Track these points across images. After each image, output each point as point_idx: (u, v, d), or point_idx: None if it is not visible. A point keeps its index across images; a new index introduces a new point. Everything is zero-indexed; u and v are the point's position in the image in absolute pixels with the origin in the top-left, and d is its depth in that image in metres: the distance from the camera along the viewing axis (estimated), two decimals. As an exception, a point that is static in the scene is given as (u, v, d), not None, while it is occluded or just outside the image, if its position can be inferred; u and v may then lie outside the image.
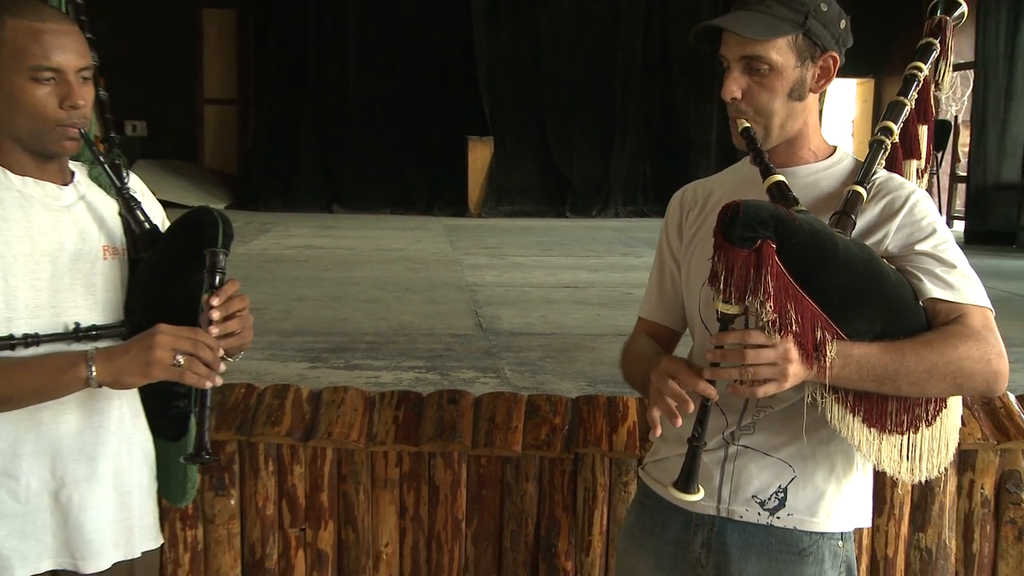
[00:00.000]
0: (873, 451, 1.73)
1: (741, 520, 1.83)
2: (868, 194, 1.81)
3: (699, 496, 1.73)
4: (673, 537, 1.89)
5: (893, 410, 1.72)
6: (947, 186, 10.93)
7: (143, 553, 1.93)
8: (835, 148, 1.93)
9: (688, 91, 11.56)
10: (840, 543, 1.84)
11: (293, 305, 5.11)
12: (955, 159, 11.04)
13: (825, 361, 1.63)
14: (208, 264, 1.74)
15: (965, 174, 10.05)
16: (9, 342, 1.72)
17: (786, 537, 1.82)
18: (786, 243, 1.61)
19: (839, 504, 1.82)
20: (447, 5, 11.67)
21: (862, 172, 1.83)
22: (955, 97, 11.78)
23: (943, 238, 1.79)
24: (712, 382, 1.65)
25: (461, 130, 11.36)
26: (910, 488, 2.58)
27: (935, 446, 1.79)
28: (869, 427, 1.72)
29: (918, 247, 1.77)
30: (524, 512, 2.53)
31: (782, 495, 1.81)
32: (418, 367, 3.65)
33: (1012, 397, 2.67)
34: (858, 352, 1.65)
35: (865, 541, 2.59)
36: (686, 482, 1.70)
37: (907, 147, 2.20)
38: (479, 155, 11.23)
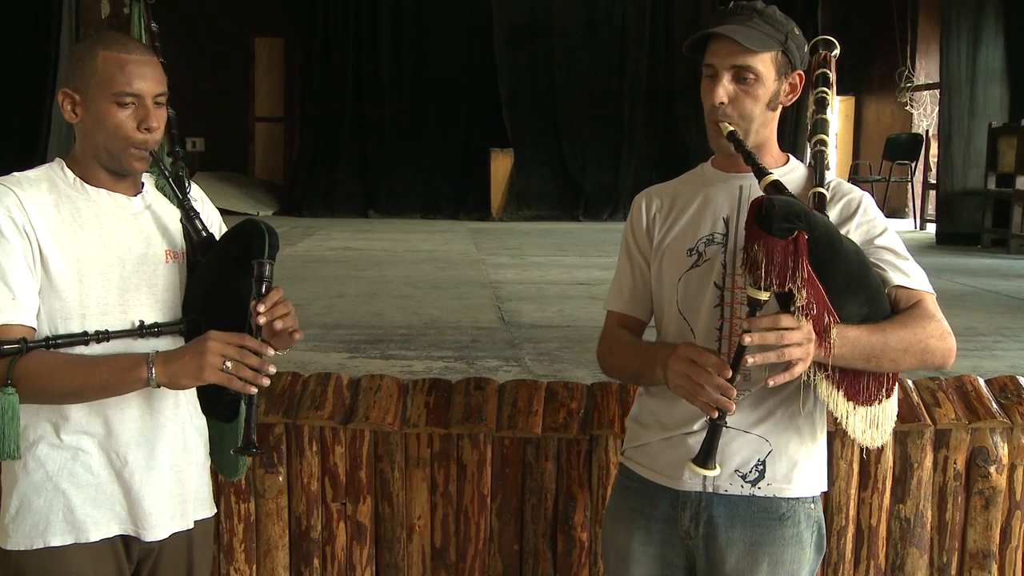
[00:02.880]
0: (849, 422, 1.78)
1: (726, 493, 1.83)
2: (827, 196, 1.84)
3: (716, 472, 1.72)
4: (662, 515, 1.88)
5: (865, 386, 1.77)
6: (920, 192, 10.86)
7: (197, 522, 1.93)
8: (788, 156, 1.95)
9: (689, 105, 11.47)
10: (812, 506, 1.88)
11: (333, 301, 5.10)
12: (927, 168, 10.95)
13: (831, 342, 1.65)
14: (255, 274, 1.73)
15: (935, 182, 9.98)
16: (83, 338, 1.73)
17: (767, 505, 1.83)
18: (810, 235, 1.63)
19: (809, 471, 1.86)
20: (472, 33, 11.65)
21: (818, 177, 1.85)
22: (925, 113, 11.68)
23: (893, 234, 1.85)
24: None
25: (484, 143, 11.34)
26: (892, 464, 2.56)
27: (888, 416, 1.85)
28: (848, 400, 1.76)
29: (877, 242, 1.81)
30: (544, 488, 2.51)
31: (761, 467, 1.83)
32: (447, 357, 3.62)
33: (981, 381, 2.66)
34: (852, 334, 1.68)
35: (852, 512, 2.57)
36: (705, 458, 1.68)
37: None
38: (500, 165, 11.20)
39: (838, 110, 13.42)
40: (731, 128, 1.80)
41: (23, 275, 1.69)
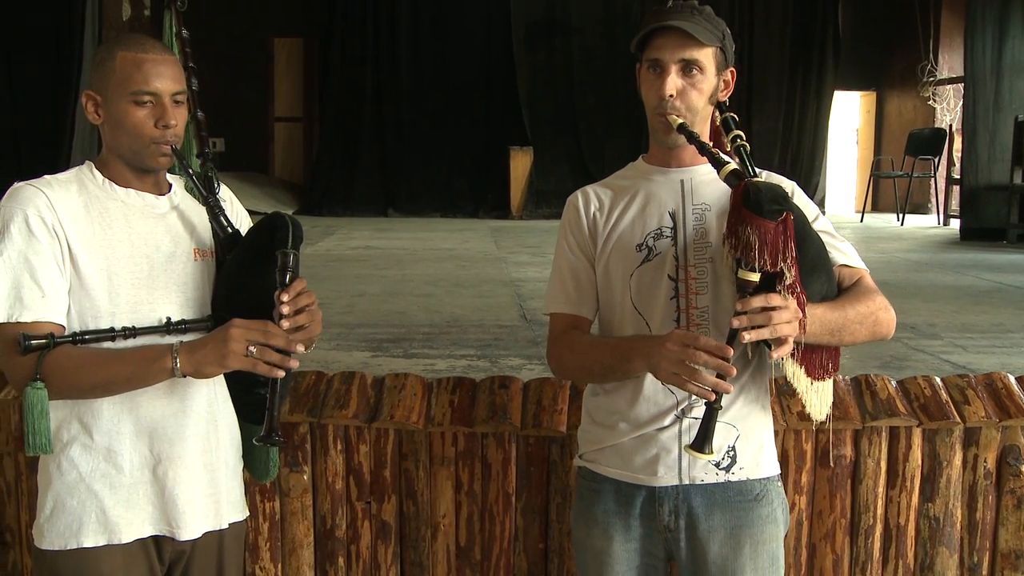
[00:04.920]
0: (808, 397, 1.88)
1: (702, 483, 1.87)
2: None
3: (713, 456, 1.77)
4: (640, 512, 1.91)
5: (821, 362, 1.86)
6: (943, 188, 10.77)
7: (230, 524, 1.94)
8: (718, 151, 1.95)
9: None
10: (778, 484, 1.96)
11: (355, 300, 5.11)
12: (950, 163, 10.85)
13: (805, 319, 1.71)
14: (280, 264, 1.74)
15: (959, 177, 9.90)
16: (110, 334, 1.74)
17: (742, 488, 1.89)
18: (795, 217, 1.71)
19: (771, 450, 1.95)
20: (490, 32, 11.63)
21: (750, 170, 1.86)
22: (949, 108, 11.58)
23: (825, 218, 1.95)
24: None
25: (503, 142, 11.31)
26: (920, 462, 2.55)
27: (830, 391, 1.94)
28: (807, 376, 1.85)
29: (815, 225, 1.87)
30: (568, 487, 2.49)
31: (733, 453, 1.88)
32: (469, 355, 3.62)
33: (1012, 378, 2.63)
34: (819, 312, 1.76)
35: (879, 511, 2.55)
36: (702, 443, 1.71)
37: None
38: (520, 163, 11.18)
39: (859, 106, 13.35)
40: (680, 120, 1.83)
41: (53, 274, 1.71)
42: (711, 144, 1.85)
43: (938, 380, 2.61)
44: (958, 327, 4.50)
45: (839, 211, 12.41)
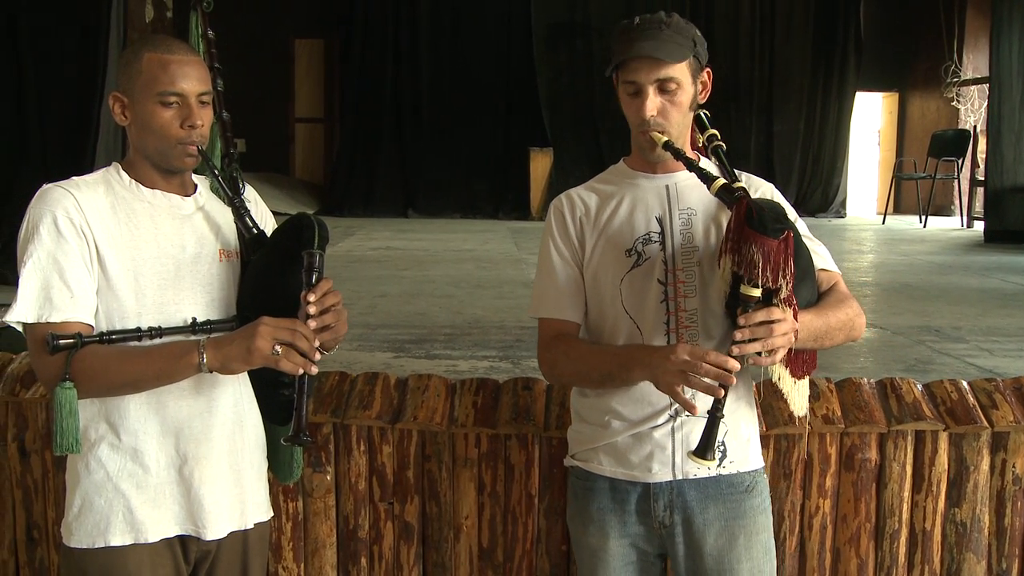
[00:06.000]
0: (792, 396, 1.95)
1: (695, 478, 1.92)
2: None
3: (715, 462, 1.84)
4: (635, 508, 1.95)
5: (802, 362, 1.92)
6: (967, 190, 10.69)
7: (255, 524, 1.95)
8: (699, 155, 2.01)
9: (727, 105, 11.40)
10: (764, 476, 2.02)
11: (376, 301, 5.12)
12: (974, 165, 10.77)
13: (797, 329, 1.77)
14: (306, 264, 1.75)
15: (983, 178, 9.82)
16: (137, 334, 1.76)
17: (733, 480, 1.95)
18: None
19: (757, 444, 2.01)
20: (511, 33, 11.64)
21: (731, 173, 1.93)
22: (973, 109, 11.49)
23: (801, 220, 1.98)
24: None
25: (523, 142, 11.32)
26: (946, 467, 2.52)
27: (807, 388, 2.01)
28: (791, 376, 1.91)
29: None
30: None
31: (723, 447, 1.93)
32: (491, 356, 3.62)
33: (1042, 383, 2.59)
34: (806, 319, 1.81)
35: (905, 515, 2.53)
36: (704, 450, 1.76)
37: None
38: (540, 164, 11.18)
39: (881, 107, 13.27)
40: (665, 139, 1.88)
41: (81, 274, 1.73)
42: (697, 159, 1.93)
43: (965, 384, 2.58)
44: (983, 330, 4.47)
45: (861, 213, 12.33)
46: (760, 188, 2.00)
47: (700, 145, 2.04)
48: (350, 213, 11.19)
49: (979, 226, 9.75)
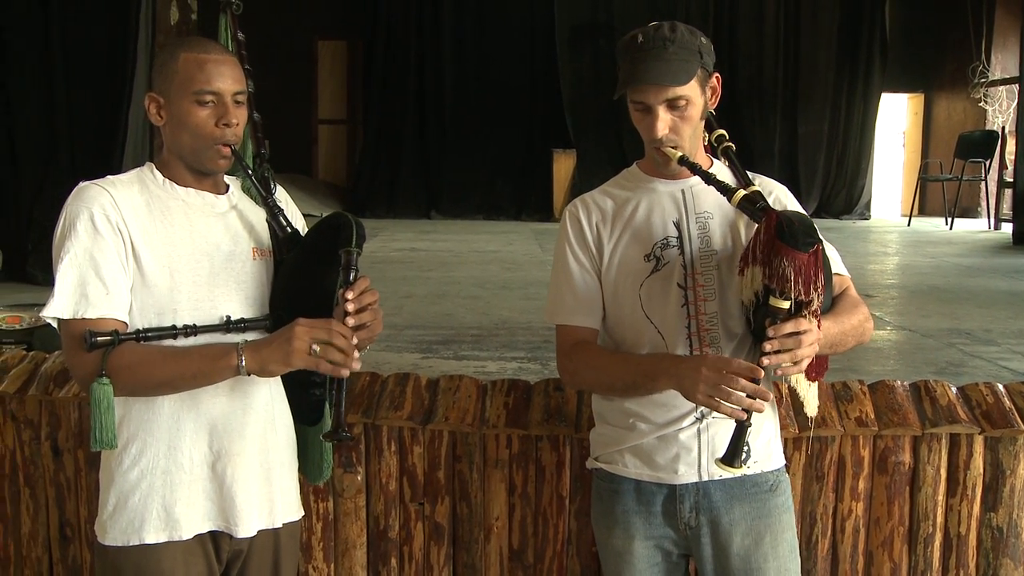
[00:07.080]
0: (807, 398, 2.03)
1: (721, 479, 1.92)
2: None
3: (741, 471, 1.85)
4: (661, 510, 1.96)
5: (815, 366, 1.92)
6: (995, 191, 10.58)
7: (285, 524, 1.95)
8: (711, 158, 2.02)
9: (752, 106, 11.36)
10: (786, 474, 2.04)
11: (402, 302, 5.13)
12: (1002, 166, 10.66)
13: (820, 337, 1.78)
14: (343, 262, 1.75)
15: (1012, 180, 9.72)
16: (172, 331, 1.76)
17: (758, 480, 1.96)
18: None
19: (778, 443, 2.03)
20: (534, 34, 11.64)
21: (743, 175, 1.96)
22: (1001, 109, 11.38)
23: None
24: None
25: (547, 144, 11.31)
26: (982, 471, 2.49)
27: (817, 389, 2.10)
28: (806, 379, 1.97)
29: None
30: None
31: (747, 448, 1.91)
32: (520, 357, 3.62)
33: (1079, 387, 2.56)
34: (826, 325, 1.82)
35: (939, 519, 2.50)
36: (732, 458, 1.76)
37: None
38: (563, 165, 11.16)
39: (907, 108, 13.17)
40: (680, 153, 1.88)
41: (116, 271, 1.73)
42: (711, 163, 1.96)
43: (1000, 387, 2.55)
44: (1015, 333, 4.42)
45: (885, 215, 12.24)
46: (774, 191, 2.00)
47: (708, 144, 2.03)
48: (373, 215, 11.21)
49: (1006, 228, 9.66)
